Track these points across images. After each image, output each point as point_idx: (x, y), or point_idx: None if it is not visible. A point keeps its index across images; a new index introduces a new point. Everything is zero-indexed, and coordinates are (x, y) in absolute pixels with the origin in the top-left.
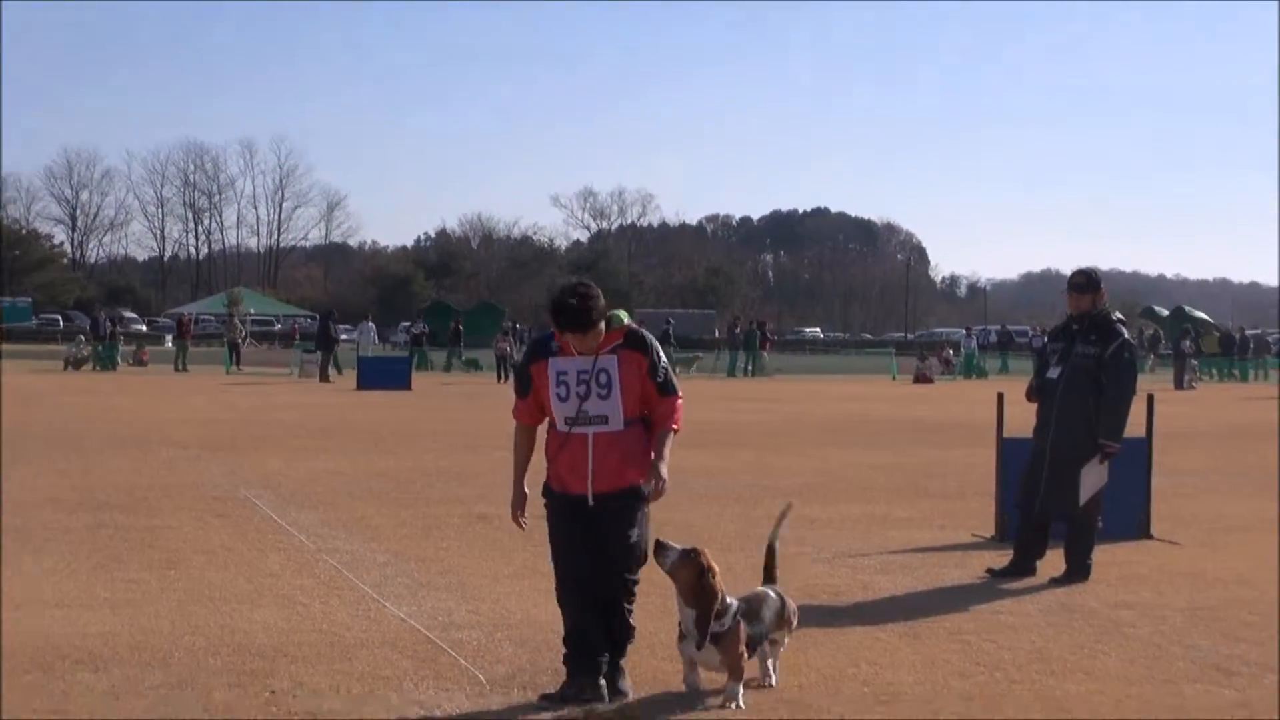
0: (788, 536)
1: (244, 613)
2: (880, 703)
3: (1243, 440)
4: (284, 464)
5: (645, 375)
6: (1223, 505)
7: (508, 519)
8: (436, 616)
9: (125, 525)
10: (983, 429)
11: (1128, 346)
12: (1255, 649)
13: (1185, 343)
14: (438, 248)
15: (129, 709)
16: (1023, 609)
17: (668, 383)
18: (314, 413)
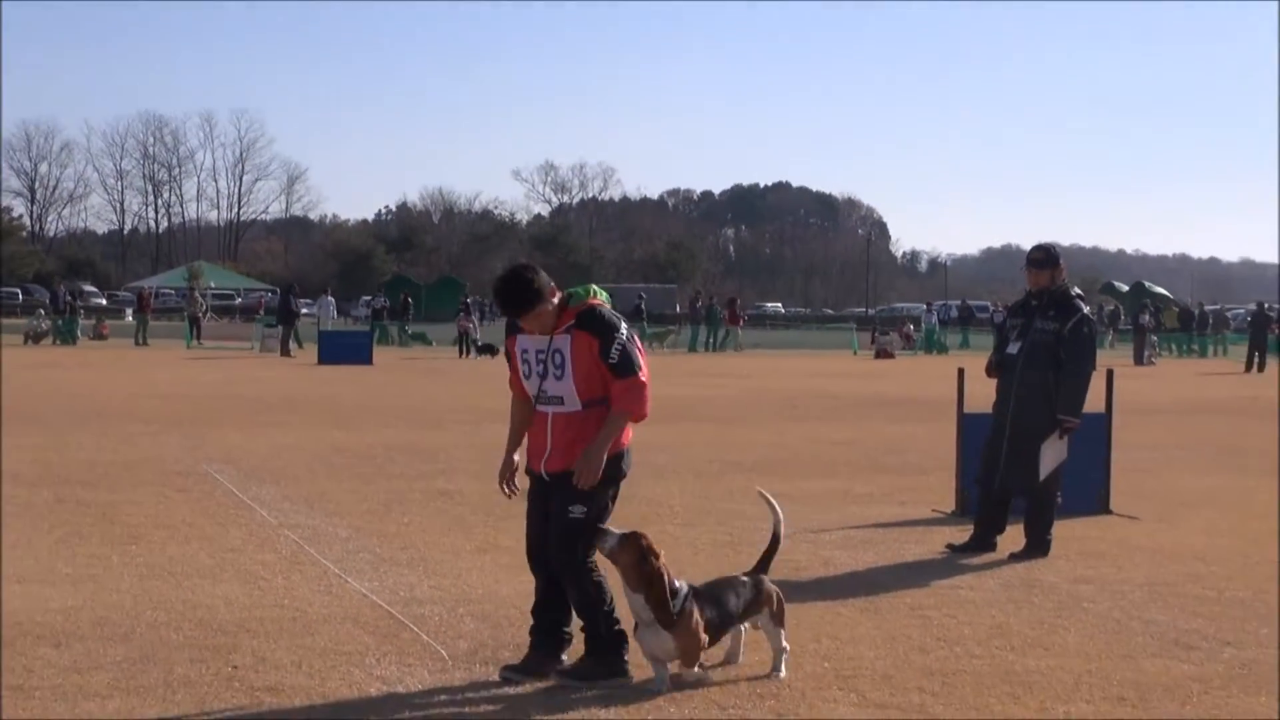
0: (748, 512)
1: (206, 588)
2: (841, 678)
3: (1202, 416)
4: (245, 439)
5: (597, 356)
6: (1181, 480)
7: (470, 494)
8: (398, 592)
9: (86, 500)
10: (943, 404)
11: (1086, 322)
12: (1212, 624)
13: (1144, 318)
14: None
15: (91, 684)
16: (983, 584)
17: (623, 363)
18: (275, 387)
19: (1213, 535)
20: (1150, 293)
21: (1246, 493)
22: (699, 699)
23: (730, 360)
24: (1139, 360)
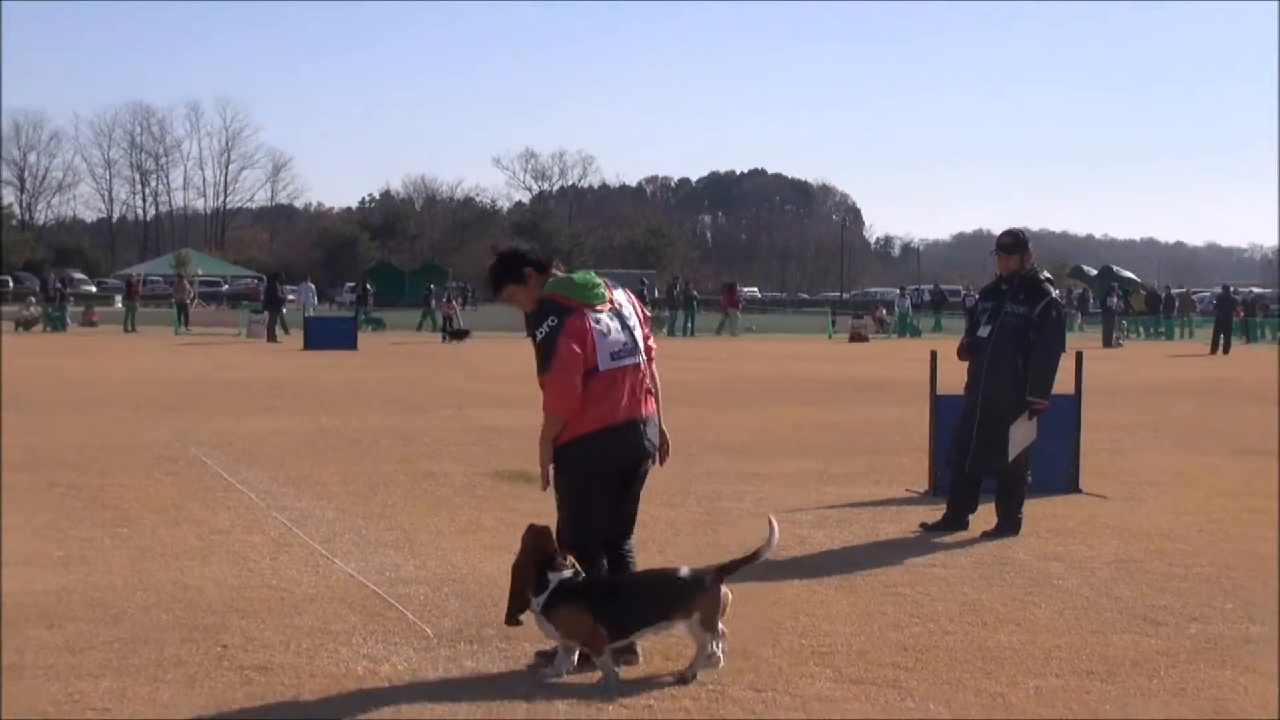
0: (726, 492)
1: (195, 569)
2: (818, 654)
3: (1169, 397)
4: (233, 423)
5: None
6: (1149, 460)
7: (453, 476)
8: (384, 572)
9: (77, 484)
10: (916, 386)
11: (1055, 305)
12: (1179, 600)
13: (1113, 301)
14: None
15: (84, 664)
16: (955, 562)
17: (540, 359)
18: (262, 372)
19: (1179, 514)
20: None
21: (1212, 472)
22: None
23: (708, 344)
24: (1107, 342)
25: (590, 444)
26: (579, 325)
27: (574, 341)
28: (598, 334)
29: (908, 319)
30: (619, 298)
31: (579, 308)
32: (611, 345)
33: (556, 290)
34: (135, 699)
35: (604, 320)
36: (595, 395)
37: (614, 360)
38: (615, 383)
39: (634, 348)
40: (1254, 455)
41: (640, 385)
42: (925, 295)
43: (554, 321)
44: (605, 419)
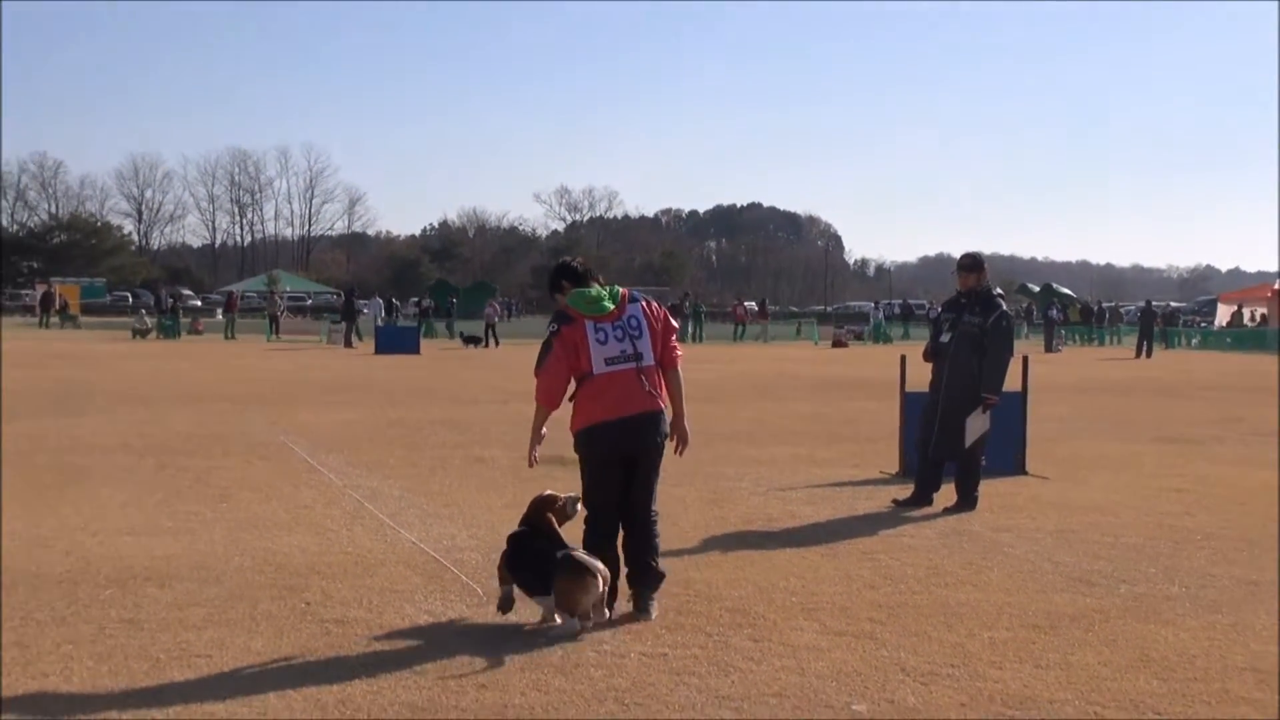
0: (729, 473)
1: (283, 538)
2: (806, 610)
3: (1100, 394)
4: (315, 415)
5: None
6: (1084, 447)
7: (500, 460)
8: (442, 541)
9: (185, 466)
10: (888, 385)
11: (1006, 316)
12: (1110, 564)
13: (1053, 313)
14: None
15: (189, 618)
16: (921, 533)
17: (538, 357)
18: (339, 373)
19: (1109, 492)
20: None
21: (1137, 457)
22: (689, 627)
23: (713, 349)
24: (1049, 348)
25: (589, 436)
26: (573, 335)
27: (566, 349)
28: (594, 343)
29: (881, 328)
30: (634, 311)
31: (581, 319)
32: (607, 353)
33: (569, 303)
34: (232, 647)
35: (605, 331)
36: (590, 395)
37: (608, 365)
38: (609, 385)
39: (633, 356)
40: (1172, 442)
41: (637, 387)
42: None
43: (554, 328)
44: (597, 416)
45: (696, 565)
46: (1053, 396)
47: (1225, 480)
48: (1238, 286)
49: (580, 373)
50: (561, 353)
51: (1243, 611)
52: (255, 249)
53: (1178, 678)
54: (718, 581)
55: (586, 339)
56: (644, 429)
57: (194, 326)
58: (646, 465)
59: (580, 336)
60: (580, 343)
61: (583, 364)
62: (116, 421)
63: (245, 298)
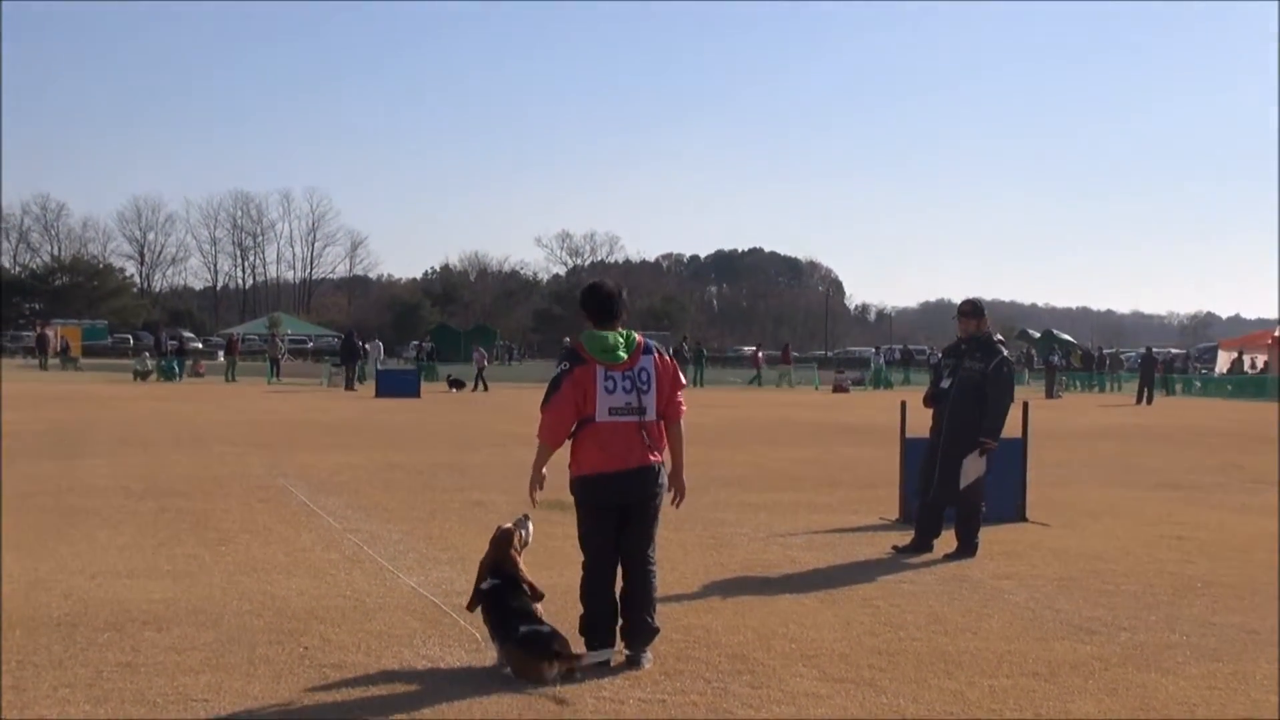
0: (729, 519)
1: (282, 581)
2: (805, 657)
3: (1101, 441)
4: (315, 458)
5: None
6: (1085, 494)
7: (499, 504)
8: (441, 585)
9: (184, 509)
10: (889, 431)
11: (1006, 362)
12: (1110, 612)
13: (1054, 358)
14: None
15: (187, 661)
16: (922, 579)
17: (545, 394)
18: (340, 416)
19: (1110, 539)
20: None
21: (1138, 503)
22: (688, 673)
23: (714, 394)
24: (1049, 394)
25: (586, 485)
26: (583, 378)
27: (574, 390)
28: (602, 390)
29: (881, 373)
30: (646, 363)
31: (593, 363)
32: (613, 402)
33: (582, 342)
34: (230, 692)
35: (615, 380)
36: (590, 442)
37: (611, 415)
38: (609, 435)
39: (637, 409)
40: (1172, 489)
41: (637, 441)
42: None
43: (565, 367)
44: (596, 466)
45: (696, 611)
46: (1053, 443)
47: (1226, 528)
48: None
49: (582, 415)
50: (570, 393)
51: (1243, 660)
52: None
53: None
54: (717, 628)
55: (595, 384)
56: (641, 481)
57: (195, 369)
58: (644, 514)
59: (589, 380)
60: (589, 387)
61: (586, 408)
62: (116, 463)
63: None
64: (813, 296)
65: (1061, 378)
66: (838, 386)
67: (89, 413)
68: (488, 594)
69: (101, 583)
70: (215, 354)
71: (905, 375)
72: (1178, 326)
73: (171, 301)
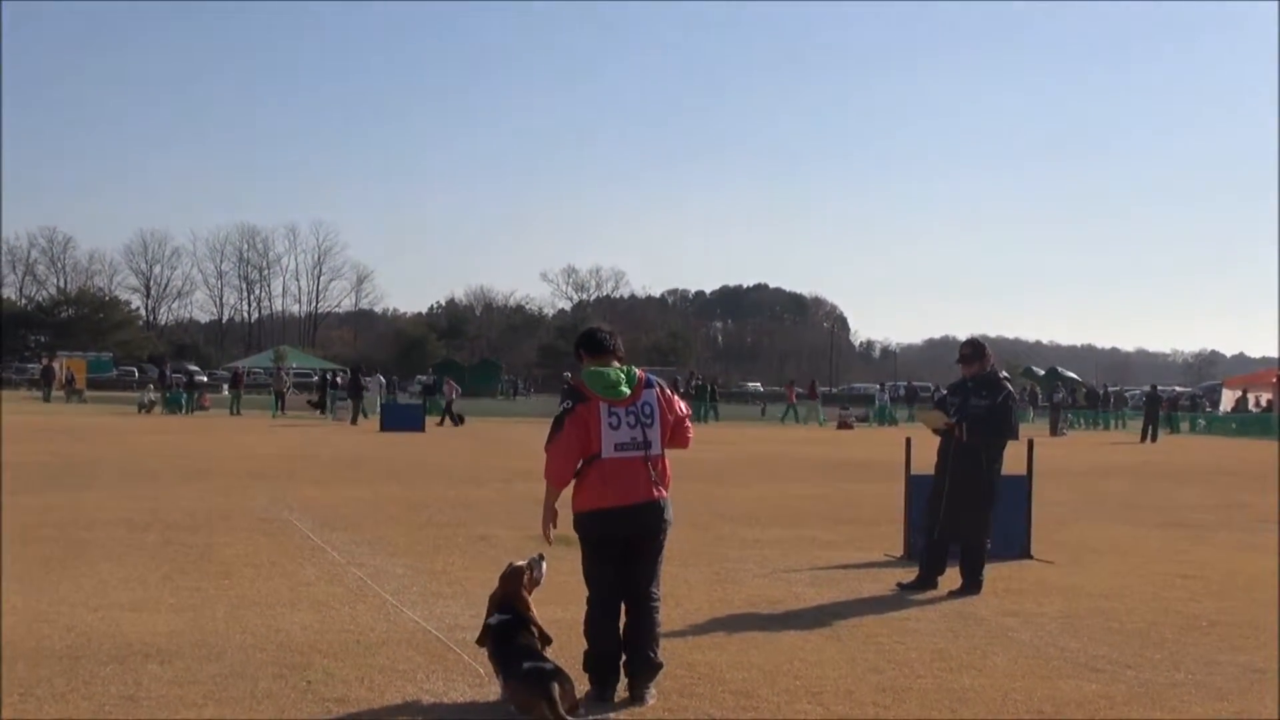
0: (733, 555)
1: (285, 615)
2: (810, 693)
3: (1106, 478)
4: (319, 492)
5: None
6: (1089, 531)
7: (504, 538)
8: (445, 620)
9: (188, 542)
10: (893, 467)
11: (1011, 397)
12: (1115, 650)
13: (1058, 396)
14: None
15: (189, 695)
16: (926, 616)
17: (550, 433)
18: (344, 450)
19: (1115, 577)
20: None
21: (1143, 541)
22: (692, 710)
23: (715, 429)
24: (1054, 432)
25: (589, 520)
26: (587, 415)
27: (577, 428)
28: (607, 426)
29: (886, 410)
30: (649, 398)
31: (595, 400)
32: (618, 438)
33: (584, 380)
34: None
35: (619, 416)
36: (595, 479)
37: (618, 451)
38: (615, 471)
39: (643, 444)
40: (1177, 528)
41: (644, 476)
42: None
43: (568, 405)
44: (601, 502)
45: (700, 647)
46: (1058, 481)
47: (1230, 566)
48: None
49: (587, 453)
50: (573, 431)
51: (1248, 699)
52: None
53: None
54: (721, 664)
55: (599, 421)
56: (646, 517)
57: (199, 402)
58: (648, 550)
59: (593, 417)
60: (592, 424)
61: (591, 446)
62: (120, 496)
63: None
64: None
65: (1066, 415)
66: (842, 423)
67: (93, 445)
68: (494, 629)
69: (104, 615)
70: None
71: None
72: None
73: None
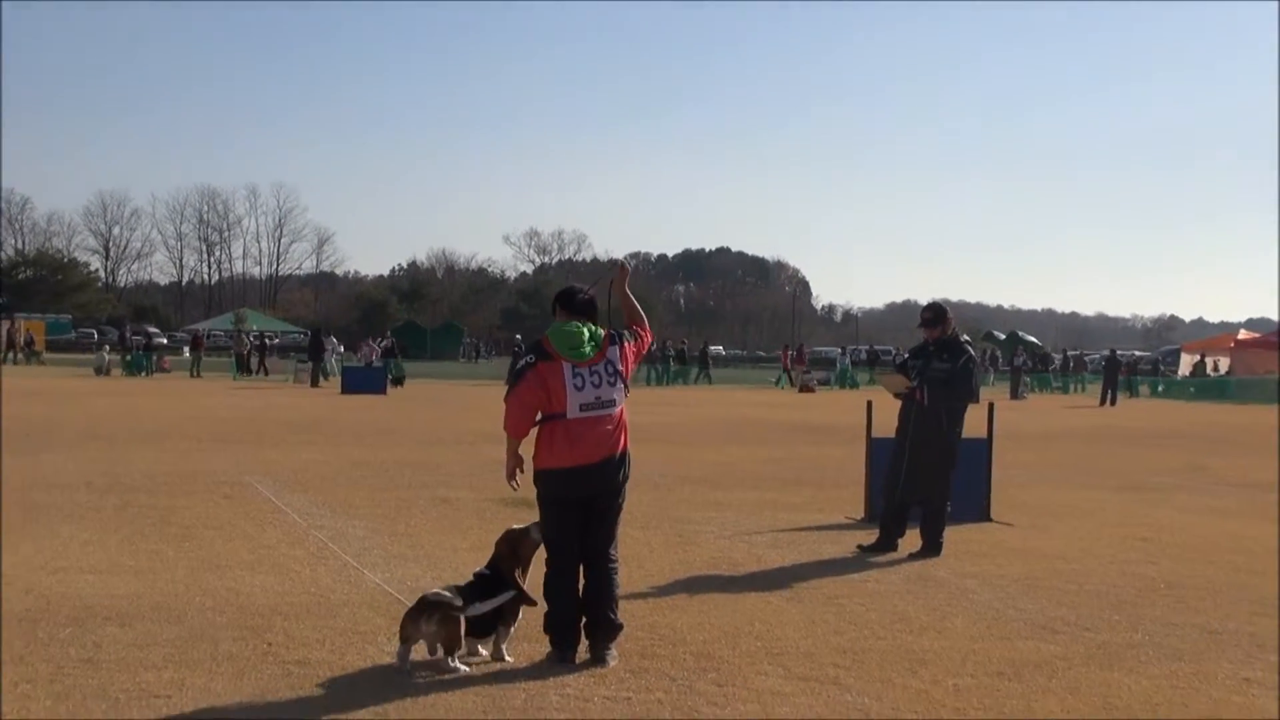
0: (695, 517)
1: (246, 578)
2: (770, 655)
3: (1065, 442)
4: (280, 455)
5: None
6: (1048, 494)
7: (465, 501)
8: (406, 582)
9: (147, 505)
10: (854, 430)
11: (972, 361)
12: (1074, 612)
13: (1019, 360)
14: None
15: (149, 658)
16: (887, 578)
17: (508, 386)
18: (305, 413)
19: (1074, 539)
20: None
21: (1102, 504)
22: (653, 671)
23: (680, 392)
24: (1014, 395)
25: (551, 479)
26: (548, 374)
27: (535, 384)
28: (571, 387)
29: (847, 374)
30: (613, 355)
31: (558, 359)
32: (583, 399)
33: (550, 337)
34: (192, 688)
35: (583, 377)
36: (558, 438)
37: (582, 411)
38: (579, 431)
39: (608, 403)
40: (1136, 491)
41: (606, 435)
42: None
43: (530, 360)
44: (563, 460)
45: (661, 609)
46: (1018, 444)
47: (1188, 529)
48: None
49: (549, 411)
50: (533, 385)
51: (1205, 660)
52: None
53: None
54: (682, 626)
55: (564, 382)
56: (606, 473)
57: (159, 364)
58: (607, 508)
59: (556, 378)
60: (555, 384)
61: (554, 405)
62: (79, 459)
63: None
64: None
65: (1026, 379)
66: (804, 386)
67: (52, 407)
68: (473, 581)
69: (63, 578)
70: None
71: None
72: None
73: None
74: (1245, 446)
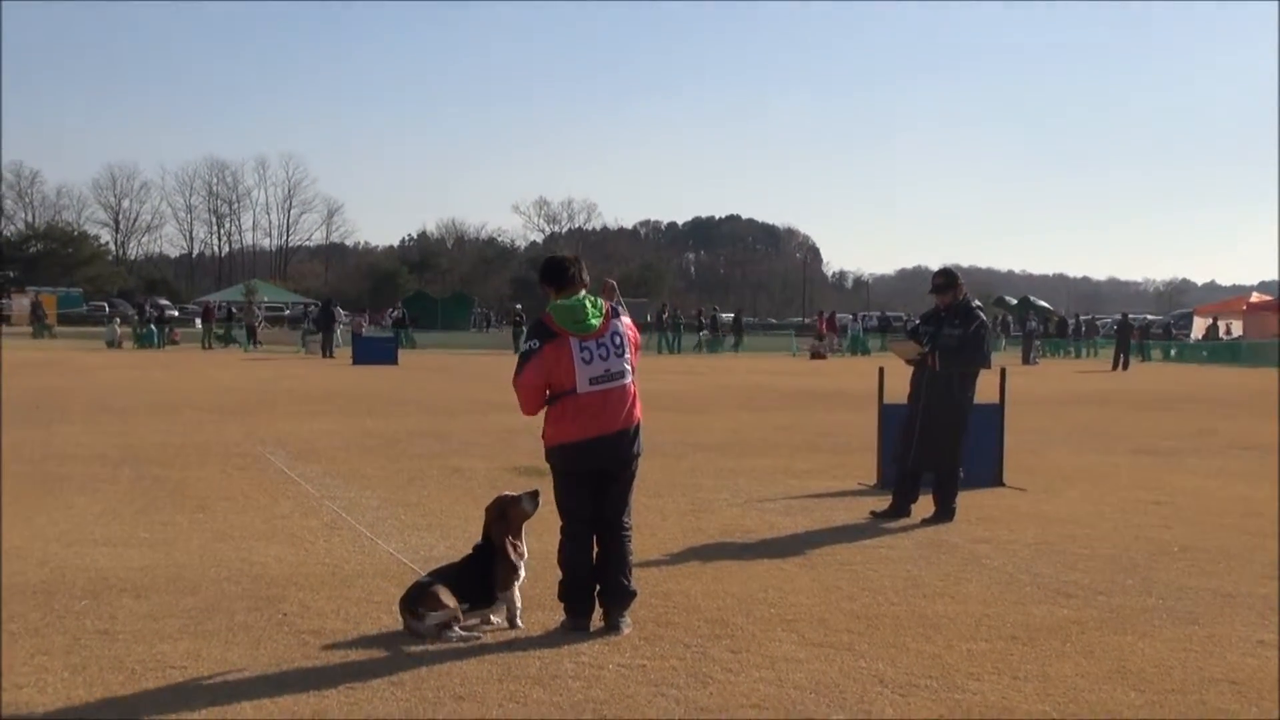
0: (707, 484)
1: (260, 549)
2: (784, 621)
3: (1077, 406)
4: (293, 425)
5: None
6: (1061, 459)
7: (478, 471)
8: (419, 551)
9: (161, 476)
10: (866, 396)
11: (984, 326)
12: (1087, 576)
13: (1031, 325)
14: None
15: (165, 629)
16: (900, 544)
17: (516, 369)
18: (317, 383)
19: (1086, 504)
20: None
21: (1114, 468)
22: (667, 638)
23: (690, 360)
24: (1026, 360)
25: (565, 453)
26: (556, 352)
27: (543, 366)
28: (579, 361)
29: (859, 340)
30: (616, 327)
31: (564, 335)
32: (592, 372)
33: (552, 315)
34: (208, 659)
35: (590, 350)
36: (570, 412)
37: (593, 385)
38: (592, 404)
39: (618, 374)
40: (1148, 455)
41: (619, 406)
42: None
43: (535, 344)
44: (575, 434)
45: (674, 576)
46: (1030, 409)
47: (1201, 493)
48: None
49: (559, 389)
50: (540, 368)
51: (1219, 623)
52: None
53: (1155, 689)
54: (696, 593)
55: (572, 357)
56: (620, 445)
57: (170, 336)
58: (621, 479)
59: (565, 354)
60: (565, 360)
61: (565, 381)
62: (92, 431)
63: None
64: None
65: (1038, 344)
66: (815, 353)
67: (66, 380)
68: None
69: (79, 550)
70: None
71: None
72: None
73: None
74: (1257, 410)
